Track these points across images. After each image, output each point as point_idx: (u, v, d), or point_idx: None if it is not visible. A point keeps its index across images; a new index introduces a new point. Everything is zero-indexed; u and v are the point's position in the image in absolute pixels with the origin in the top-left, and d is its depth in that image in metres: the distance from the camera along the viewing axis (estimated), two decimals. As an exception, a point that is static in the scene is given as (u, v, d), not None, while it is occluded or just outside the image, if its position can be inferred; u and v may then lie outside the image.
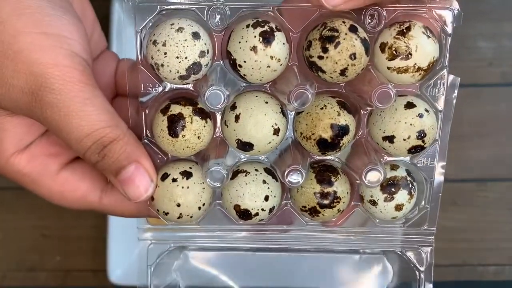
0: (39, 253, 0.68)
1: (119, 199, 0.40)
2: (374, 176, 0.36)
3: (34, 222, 0.67)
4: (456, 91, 0.38)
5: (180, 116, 0.37)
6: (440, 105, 0.38)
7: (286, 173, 0.37)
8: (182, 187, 0.38)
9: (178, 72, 0.35)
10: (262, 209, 0.38)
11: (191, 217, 0.39)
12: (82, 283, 0.69)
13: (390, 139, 0.37)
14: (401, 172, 0.39)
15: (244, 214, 0.38)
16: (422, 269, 0.41)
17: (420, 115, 0.37)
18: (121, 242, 0.63)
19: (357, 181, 0.40)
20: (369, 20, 0.37)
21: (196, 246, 0.42)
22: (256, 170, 0.39)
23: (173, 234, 0.42)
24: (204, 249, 0.43)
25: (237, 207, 0.38)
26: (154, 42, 0.35)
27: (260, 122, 0.37)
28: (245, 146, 0.37)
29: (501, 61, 0.67)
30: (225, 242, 0.42)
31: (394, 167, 0.39)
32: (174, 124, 0.37)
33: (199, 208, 0.39)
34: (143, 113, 0.39)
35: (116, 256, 0.63)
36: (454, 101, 0.38)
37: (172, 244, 0.42)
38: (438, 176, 0.40)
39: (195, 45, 0.35)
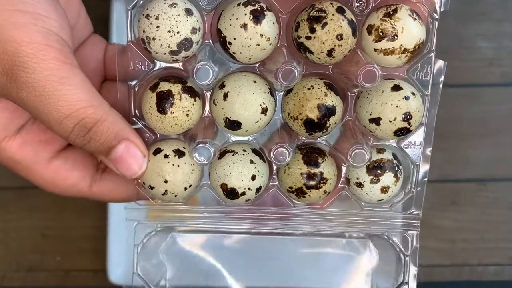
0: (39, 253, 0.68)
1: (109, 187, 0.40)
2: (360, 156, 0.37)
3: (34, 222, 0.67)
4: (443, 76, 0.38)
5: (169, 93, 0.37)
6: (427, 89, 0.39)
7: (273, 150, 0.37)
8: (173, 165, 0.39)
9: (169, 46, 0.36)
10: (249, 188, 0.39)
11: (175, 196, 0.39)
12: (82, 283, 0.69)
13: (377, 121, 0.37)
14: (387, 155, 0.39)
15: (231, 193, 0.39)
16: (407, 253, 0.41)
17: (406, 98, 0.37)
18: (121, 242, 0.63)
19: (344, 164, 0.40)
20: (357, 4, 0.37)
21: (183, 226, 0.42)
22: (244, 150, 0.39)
23: (160, 215, 0.42)
24: (192, 231, 0.43)
25: (224, 186, 0.39)
26: (147, 16, 0.36)
27: (248, 101, 0.37)
28: (233, 124, 0.38)
29: (501, 61, 0.67)
30: (213, 223, 0.42)
31: (380, 150, 0.40)
32: (163, 101, 0.37)
33: (185, 188, 0.39)
34: (132, 91, 0.39)
35: (116, 256, 0.63)
36: (441, 85, 0.38)
37: (159, 224, 0.42)
38: (425, 161, 0.40)
39: (187, 20, 0.36)
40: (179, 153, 0.39)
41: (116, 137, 0.36)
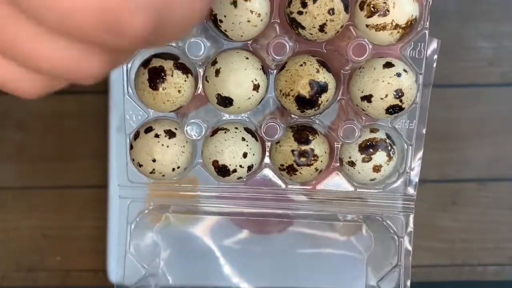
0: (39, 253, 0.68)
1: None
2: (349, 131, 0.37)
3: (34, 222, 0.67)
4: (436, 55, 0.38)
5: (161, 69, 0.37)
6: (420, 68, 0.38)
7: (263, 125, 0.37)
8: (162, 145, 0.39)
9: None
10: (241, 166, 0.39)
11: (163, 175, 0.39)
12: (82, 283, 0.68)
13: (368, 98, 0.37)
14: (380, 135, 0.39)
15: (222, 170, 0.39)
16: (401, 235, 0.41)
17: (398, 74, 0.37)
18: (121, 242, 0.63)
19: (337, 143, 0.40)
20: (351, -19, 0.37)
21: (176, 204, 0.42)
22: (236, 128, 0.39)
23: (154, 193, 0.42)
24: (185, 213, 0.43)
25: (215, 163, 0.39)
26: None
27: (240, 77, 0.37)
28: (225, 101, 0.38)
29: (501, 61, 0.66)
30: (206, 203, 0.42)
31: (373, 130, 0.39)
32: (155, 77, 0.37)
33: (173, 169, 0.39)
34: (125, 68, 0.39)
35: (117, 256, 0.64)
36: (435, 64, 0.38)
37: (152, 203, 0.42)
38: (419, 141, 0.40)
39: None
40: (170, 134, 0.39)
41: None
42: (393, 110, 0.37)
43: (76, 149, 0.62)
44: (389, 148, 0.39)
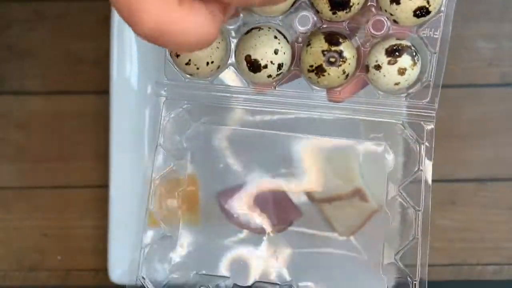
0: (40, 252, 0.67)
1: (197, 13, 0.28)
2: (378, 23, 0.39)
3: (35, 222, 0.67)
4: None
5: None
6: (447, -23, 0.41)
7: (297, 16, 0.39)
8: None
9: None
10: (271, 62, 0.41)
11: (197, 68, 0.41)
12: (83, 282, 0.68)
13: (397, 0, 0.40)
14: (406, 42, 0.41)
15: (254, 65, 0.41)
16: (422, 141, 0.43)
17: (427, -24, 0.39)
18: (122, 241, 0.63)
19: (363, 48, 0.42)
20: None
21: (208, 103, 0.44)
22: (269, 28, 0.42)
23: (187, 92, 0.43)
24: (214, 123, 0.45)
25: (247, 58, 0.41)
26: None
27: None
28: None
29: (500, 61, 0.67)
30: (235, 103, 0.44)
31: (399, 38, 0.42)
32: None
33: (207, 63, 0.41)
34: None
35: (117, 256, 0.63)
36: (461, -27, 0.41)
37: (186, 102, 0.44)
38: (442, 50, 0.42)
39: None
40: None
41: None
42: (420, 12, 0.39)
43: (76, 149, 0.63)
44: (414, 54, 0.41)
